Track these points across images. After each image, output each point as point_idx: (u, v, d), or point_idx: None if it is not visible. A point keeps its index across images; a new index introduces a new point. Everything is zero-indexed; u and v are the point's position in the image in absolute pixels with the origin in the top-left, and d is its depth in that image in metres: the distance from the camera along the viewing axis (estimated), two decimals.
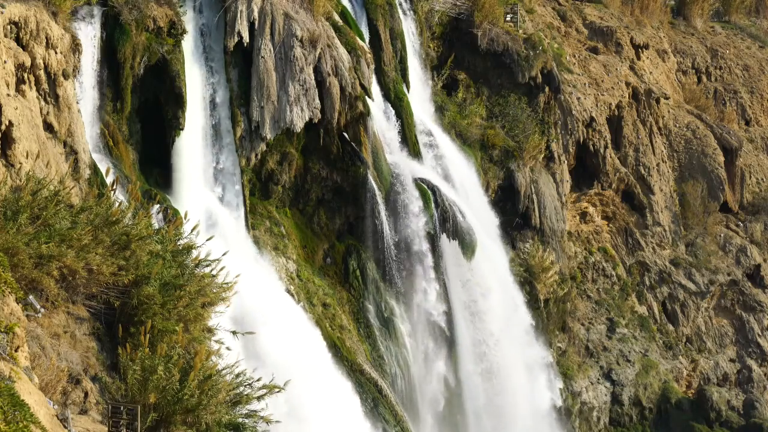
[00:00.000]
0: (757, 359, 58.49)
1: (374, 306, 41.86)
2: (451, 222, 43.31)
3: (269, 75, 38.86)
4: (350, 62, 40.74)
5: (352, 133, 41.25)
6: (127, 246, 21.56)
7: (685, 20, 70.20)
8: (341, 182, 41.59)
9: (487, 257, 45.40)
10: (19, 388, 15.06)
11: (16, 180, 25.36)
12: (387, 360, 41.33)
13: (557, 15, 60.98)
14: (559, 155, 52.47)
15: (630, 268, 57.17)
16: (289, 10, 39.58)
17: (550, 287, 50.44)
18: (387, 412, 39.19)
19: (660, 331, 56.31)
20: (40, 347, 19.19)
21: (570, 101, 53.99)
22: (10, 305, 17.26)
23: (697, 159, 61.08)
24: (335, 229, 42.10)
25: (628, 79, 58.43)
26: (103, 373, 20.17)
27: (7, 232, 19.41)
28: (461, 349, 44.48)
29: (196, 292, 21.64)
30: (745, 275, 59.96)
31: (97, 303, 21.36)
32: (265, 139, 39.02)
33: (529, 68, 50.78)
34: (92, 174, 31.85)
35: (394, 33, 45.71)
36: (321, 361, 37.07)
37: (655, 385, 54.02)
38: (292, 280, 39.45)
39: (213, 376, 19.49)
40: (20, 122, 27.61)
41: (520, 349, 47.14)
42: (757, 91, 68.72)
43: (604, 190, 56.53)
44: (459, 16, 51.06)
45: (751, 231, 61.71)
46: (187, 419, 19.07)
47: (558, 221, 51.24)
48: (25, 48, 29.54)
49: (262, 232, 39.51)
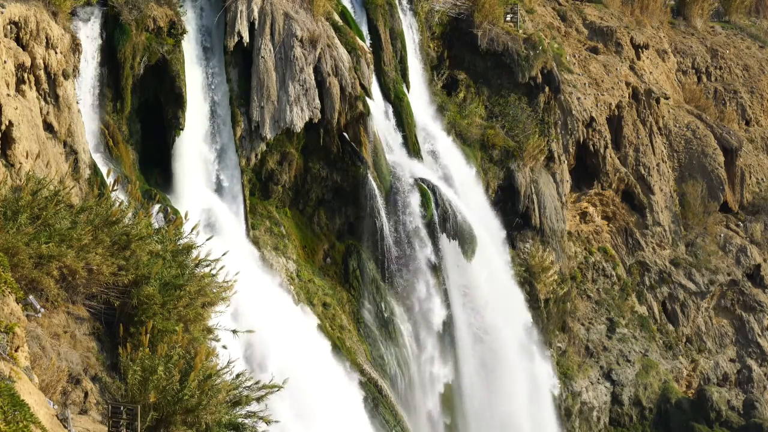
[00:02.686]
0: (757, 359, 58.48)
1: (374, 306, 41.84)
2: (451, 222, 43.30)
3: (269, 75, 38.85)
4: (350, 62, 40.74)
5: (352, 133, 41.23)
6: (127, 246, 21.53)
7: (685, 20, 70.20)
8: (341, 182, 41.58)
9: (487, 257, 45.39)
10: (19, 388, 15.05)
11: (16, 180, 25.35)
12: (387, 360, 41.33)
13: (557, 15, 60.98)
14: (559, 155, 52.46)
15: (630, 268, 57.17)
16: (289, 10, 39.58)
17: (550, 287, 50.43)
18: (387, 412, 39.20)
19: (660, 331, 56.30)
20: (40, 347, 19.18)
21: (570, 101, 53.98)
22: (10, 305, 17.25)
23: (697, 159, 61.08)
24: (335, 229, 42.09)
25: (628, 79, 58.43)
26: (103, 373, 20.15)
27: (7, 232, 19.39)
28: (461, 349, 44.48)
29: (196, 292, 21.61)
30: (745, 275, 59.95)
31: (97, 303, 21.33)
32: (265, 139, 39.03)
33: (529, 68, 50.78)
34: (92, 174, 31.85)
35: (394, 33, 45.70)
36: (323, 362, 37.09)
37: (655, 385, 54.01)
38: (292, 280, 39.44)
39: (213, 376, 19.48)
40: (20, 122, 27.61)
41: (521, 348, 47.15)
42: (757, 91, 68.71)
43: (604, 190, 56.52)
44: (459, 16, 51.06)
45: (751, 231, 61.70)
46: (187, 419, 19.06)
47: (558, 221, 51.23)
48: (25, 48, 29.53)
49: (262, 232, 39.50)
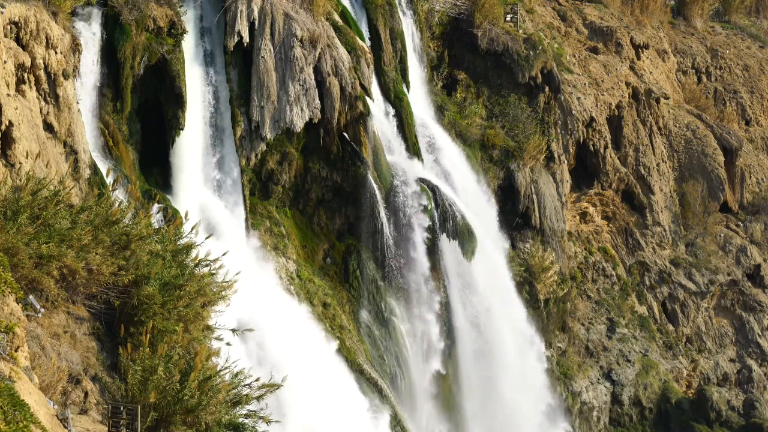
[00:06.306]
0: (757, 359, 58.47)
1: (374, 306, 41.85)
2: (451, 222, 43.30)
3: (269, 75, 38.86)
4: (350, 62, 40.74)
5: (352, 133, 41.23)
6: (127, 246, 21.54)
7: (685, 20, 70.17)
8: (341, 182, 41.58)
9: (487, 257, 45.39)
10: (19, 388, 15.05)
11: (16, 180, 25.34)
12: (387, 360, 41.33)
13: (557, 15, 60.96)
14: (559, 155, 52.45)
15: (630, 268, 57.15)
16: (289, 10, 39.58)
17: (550, 287, 50.42)
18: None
19: (660, 331, 56.29)
20: (40, 347, 19.18)
21: (570, 101, 53.98)
22: (10, 305, 17.25)
23: (697, 159, 61.08)
24: (335, 229, 42.09)
25: (628, 79, 58.42)
26: (103, 373, 20.15)
27: (7, 232, 19.39)
28: (461, 349, 44.48)
29: (196, 291, 21.62)
30: (745, 275, 59.94)
31: (97, 303, 21.33)
32: (265, 139, 39.03)
33: (529, 68, 50.78)
34: (92, 174, 31.85)
35: (394, 33, 45.70)
36: (324, 361, 37.10)
37: (655, 385, 54.00)
38: (292, 280, 39.44)
39: (213, 377, 19.49)
40: (20, 122, 27.61)
41: (521, 349, 47.15)
42: (757, 91, 68.69)
43: (604, 190, 56.52)
44: (459, 16, 51.05)
45: (751, 231, 61.69)
46: (187, 419, 19.07)
47: (558, 221, 51.22)
48: (25, 48, 29.54)
49: (262, 232, 39.50)
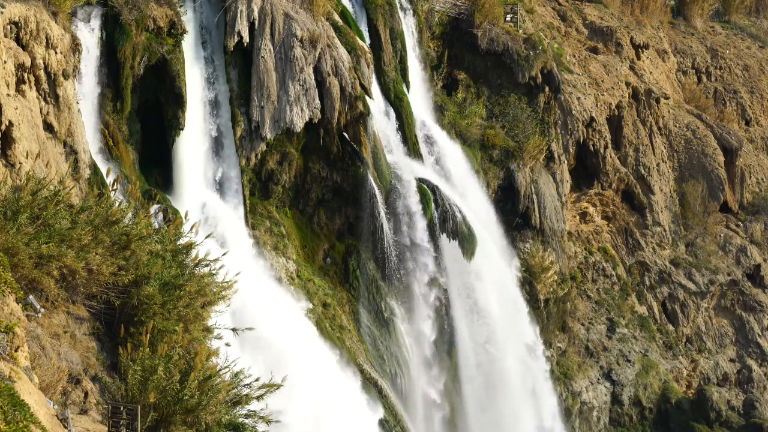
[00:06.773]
0: (757, 359, 58.48)
1: (374, 306, 41.85)
2: (451, 222, 43.30)
3: (269, 75, 38.85)
4: (350, 62, 40.74)
5: (352, 133, 41.23)
6: (127, 246, 21.53)
7: (685, 20, 70.18)
8: (341, 182, 41.58)
9: (487, 257, 45.38)
10: (19, 388, 15.05)
11: (16, 180, 25.34)
12: (387, 360, 41.33)
13: (557, 15, 60.96)
14: (559, 155, 52.45)
15: (630, 268, 57.16)
16: (289, 10, 39.58)
17: (550, 287, 50.42)
18: (387, 412, 39.20)
19: (660, 331, 56.29)
20: (40, 347, 19.17)
21: (570, 101, 53.98)
22: (10, 305, 17.25)
23: (697, 159, 61.08)
24: (335, 229, 42.09)
25: (628, 79, 58.42)
26: (103, 373, 20.15)
27: (7, 232, 19.39)
28: (461, 349, 44.48)
29: (196, 291, 21.62)
30: (745, 275, 59.94)
31: (97, 303, 21.32)
32: (265, 139, 39.02)
33: (529, 68, 50.77)
34: (92, 174, 31.85)
35: (394, 33, 45.70)
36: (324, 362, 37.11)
37: (655, 385, 54.00)
38: (292, 280, 39.45)
39: (213, 377, 19.49)
40: (20, 122, 27.60)
41: (521, 349, 47.13)
42: (757, 91, 68.70)
43: (604, 190, 56.51)
44: (459, 16, 51.05)
45: (751, 231, 61.69)
46: (187, 419, 19.07)
47: (558, 221, 51.22)
48: (25, 48, 29.53)
49: (262, 232, 39.50)
